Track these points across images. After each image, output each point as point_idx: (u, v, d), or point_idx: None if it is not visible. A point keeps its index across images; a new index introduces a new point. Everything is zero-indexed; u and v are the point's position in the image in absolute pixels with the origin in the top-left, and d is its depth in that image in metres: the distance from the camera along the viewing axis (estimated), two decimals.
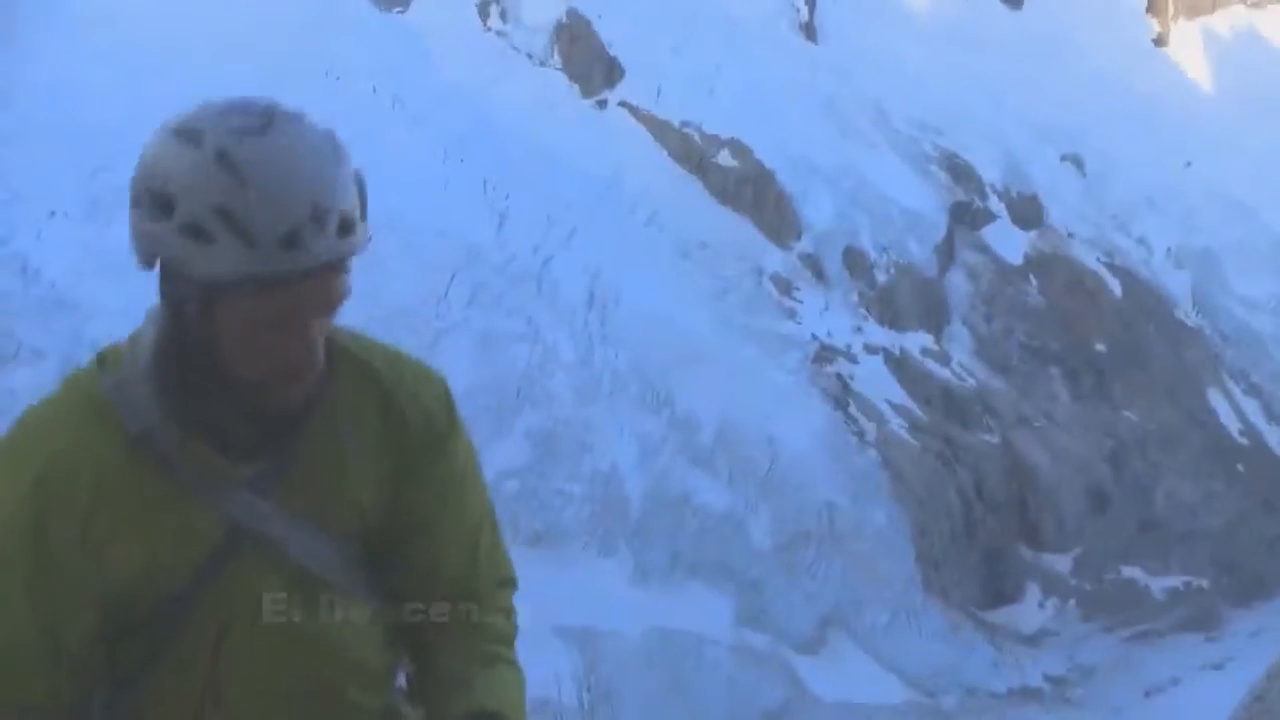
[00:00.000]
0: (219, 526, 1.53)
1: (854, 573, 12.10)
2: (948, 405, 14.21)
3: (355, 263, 1.50)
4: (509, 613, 1.78)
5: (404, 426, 1.65)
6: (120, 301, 10.62)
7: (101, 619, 1.51)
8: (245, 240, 1.38)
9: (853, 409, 13.31)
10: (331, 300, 1.48)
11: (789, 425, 12.54)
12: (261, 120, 1.41)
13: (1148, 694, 13.41)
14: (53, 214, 11.25)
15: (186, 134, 1.42)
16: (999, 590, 13.73)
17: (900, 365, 14.16)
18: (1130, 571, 15.02)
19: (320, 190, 1.39)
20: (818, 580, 11.92)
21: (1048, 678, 13.32)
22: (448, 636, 1.72)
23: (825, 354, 13.63)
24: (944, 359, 14.63)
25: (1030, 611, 13.87)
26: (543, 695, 10.18)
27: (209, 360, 1.49)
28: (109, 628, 1.53)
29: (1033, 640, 13.64)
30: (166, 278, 1.46)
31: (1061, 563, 14.48)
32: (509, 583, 1.80)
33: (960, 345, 14.92)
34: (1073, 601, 14.27)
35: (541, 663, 10.33)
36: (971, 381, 14.59)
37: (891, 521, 12.73)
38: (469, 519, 1.75)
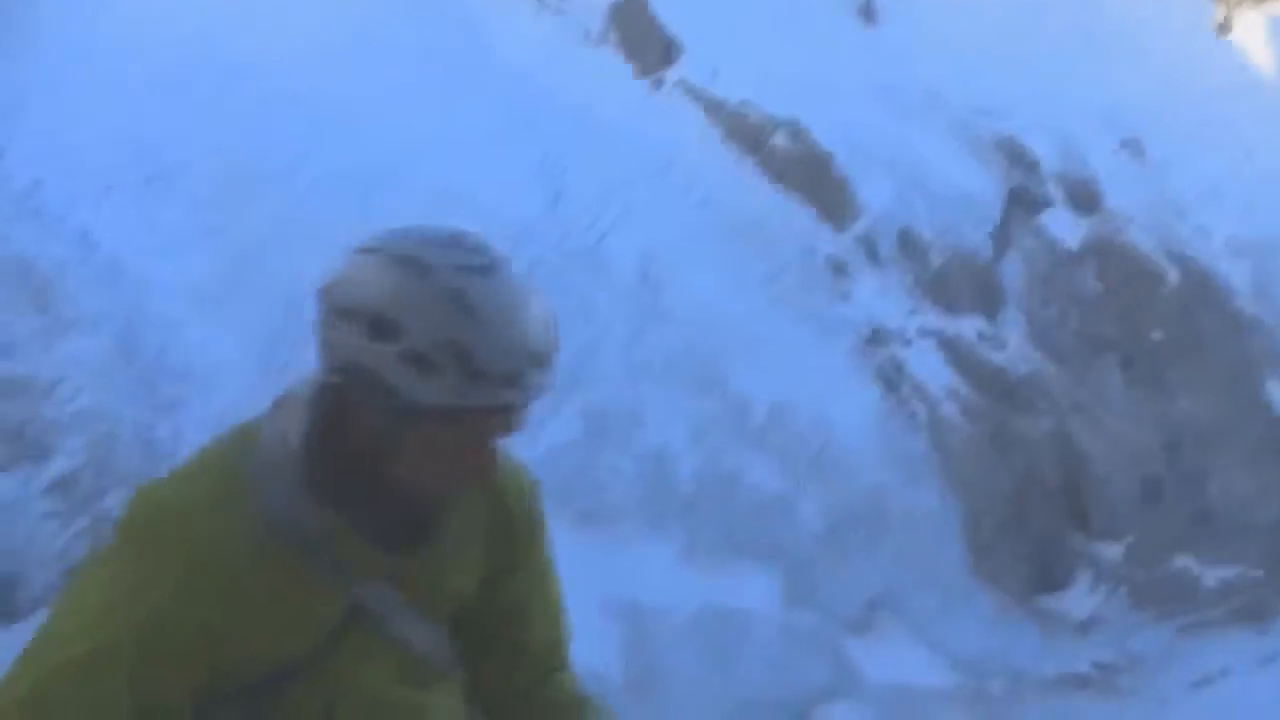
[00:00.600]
0: (340, 608, 1.58)
1: (903, 555, 12.09)
2: (1001, 390, 14.14)
3: None
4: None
5: (509, 521, 1.76)
6: (174, 276, 10.78)
7: (196, 696, 1.54)
8: (469, 375, 1.48)
9: (905, 392, 13.28)
10: (518, 424, 1.60)
11: (841, 407, 12.53)
12: (485, 260, 1.49)
13: (1196, 685, 13.33)
14: (110, 189, 11.41)
15: (412, 264, 1.48)
16: (1049, 577, 13.67)
17: (953, 349, 14.10)
18: (1182, 561, 14.91)
19: (539, 334, 1.50)
20: (867, 562, 11.92)
21: (1096, 665, 13.27)
22: (539, 705, 1.81)
23: (878, 337, 13.59)
24: (998, 344, 14.55)
25: (1080, 598, 13.81)
26: (589, 670, 10.23)
27: (377, 465, 1.54)
28: (204, 697, 1.55)
29: (1082, 627, 13.58)
30: (355, 386, 1.50)
31: (1113, 550, 14.40)
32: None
33: (1015, 330, 14.84)
34: (1123, 590, 14.19)
35: (588, 638, 10.35)
36: (1025, 367, 14.52)
37: (942, 505, 12.70)
38: (555, 597, 1.84)
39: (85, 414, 12.26)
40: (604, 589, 10.64)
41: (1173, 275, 16.44)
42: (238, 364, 11.87)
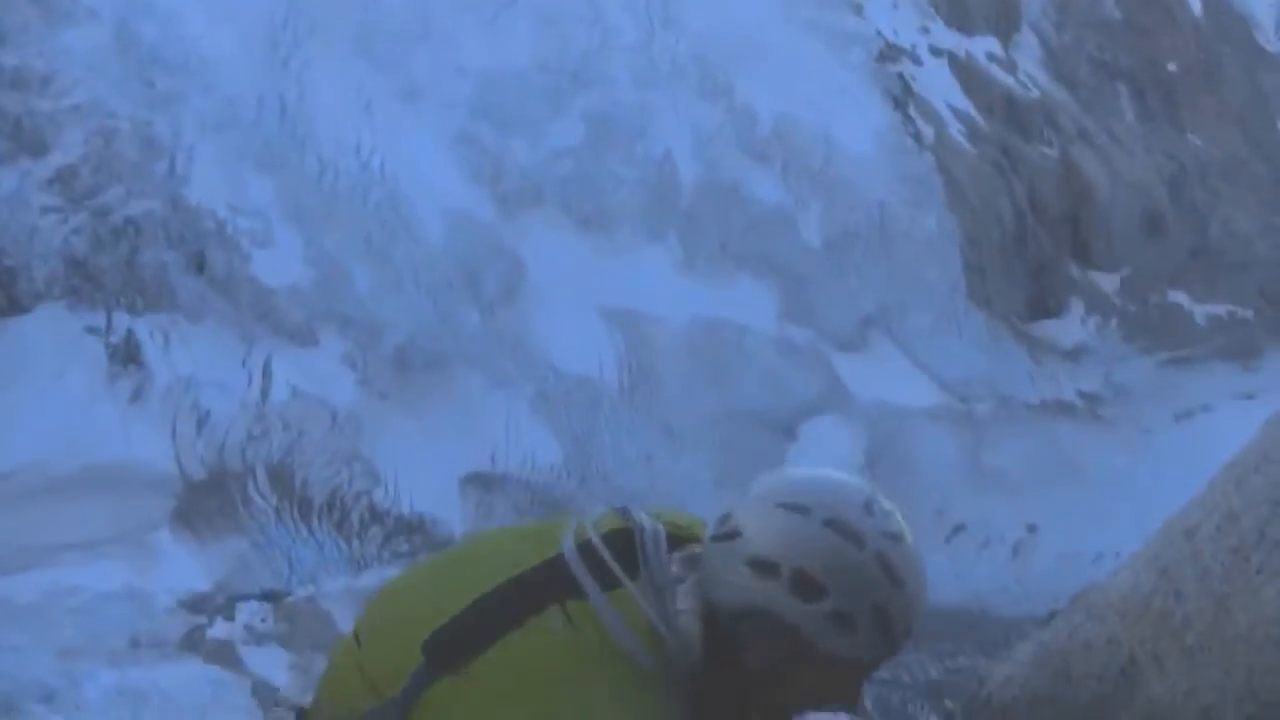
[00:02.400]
0: None
1: (900, 275, 12.12)
2: (1009, 114, 13.95)
3: None
4: None
5: None
6: None
7: None
8: (884, 634, 1.60)
9: (912, 111, 13.09)
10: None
11: (847, 123, 12.37)
12: (898, 527, 1.62)
13: (1178, 418, 13.58)
14: None
15: (846, 532, 1.58)
16: (1043, 304, 13.76)
17: (965, 70, 13.84)
18: (1176, 296, 15.00)
19: (927, 590, 1.64)
20: (863, 280, 11.96)
21: (1082, 394, 13.47)
22: None
23: (889, 52, 13.32)
24: (1010, 66, 14.28)
25: (1072, 327, 13.93)
26: (583, 374, 10.40)
27: (762, 691, 1.64)
28: None
29: (1071, 356, 13.74)
30: (754, 626, 1.59)
31: (1108, 281, 14.46)
32: None
33: (1028, 54, 14.54)
34: (1115, 321, 14.31)
35: (584, 343, 10.52)
36: (1036, 92, 14.28)
37: (942, 227, 12.68)
38: None
39: (83, 108, 12.08)
40: (602, 296, 10.71)
41: (1194, 4, 16.04)
42: (238, 57, 11.65)
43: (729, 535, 1.61)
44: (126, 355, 11.55)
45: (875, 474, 11.79)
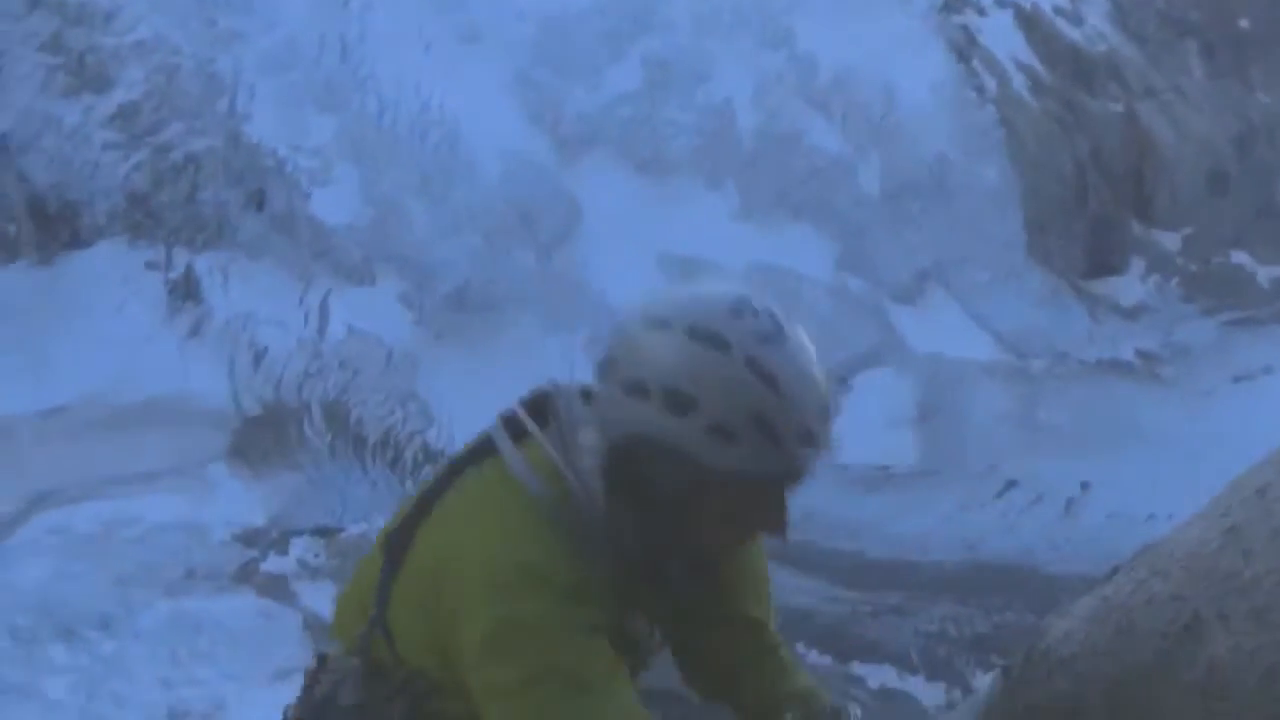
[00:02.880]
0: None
1: (959, 228, 12.02)
2: (1075, 69, 13.74)
3: None
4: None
5: None
6: None
7: None
8: (772, 441, 1.51)
9: (975, 63, 12.92)
10: (808, 475, 1.62)
11: (909, 73, 12.22)
12: (773, 326, 1.53)
13: (1237, 380, 13.42)
14: None
15: (711, 340, 1.52)
16: (1103, 261, 13.60)
17: (1030, 22, 13.63)
18: (1239, 257, 14.79)
19: (823, 388, 1.54)
20: (922, 232, 11.87)
21: (1139, 353, 13.33)
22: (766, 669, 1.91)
23: (953, 3, 13.15)
24: (1077, 20, 14.05)
25: (1132, 285, 13.78)
26: None
27: (672, 526, 1.62)
28: None
29: (1130, 314, 13.59)
30: (646, 454, 1.56)
31: (1170, 240, 14.27)
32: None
33: (1095, 7, 14.31)
34: (1176, 280, 14.13)
35: (640, 288, 10.50)
36: (1103, 46, 14.05)
37: (1003, 181, 12.54)
38: (765, 581, 1.91)
39: (144, 45, 12.16)
40: (658, 241, 10.69)
41: None
42: None
43: (605, 365, 1.59)
44: (185, 291, 11.68)
45: (929, 427, 11.78)
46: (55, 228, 11.50)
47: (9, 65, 11.19)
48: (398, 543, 1.70)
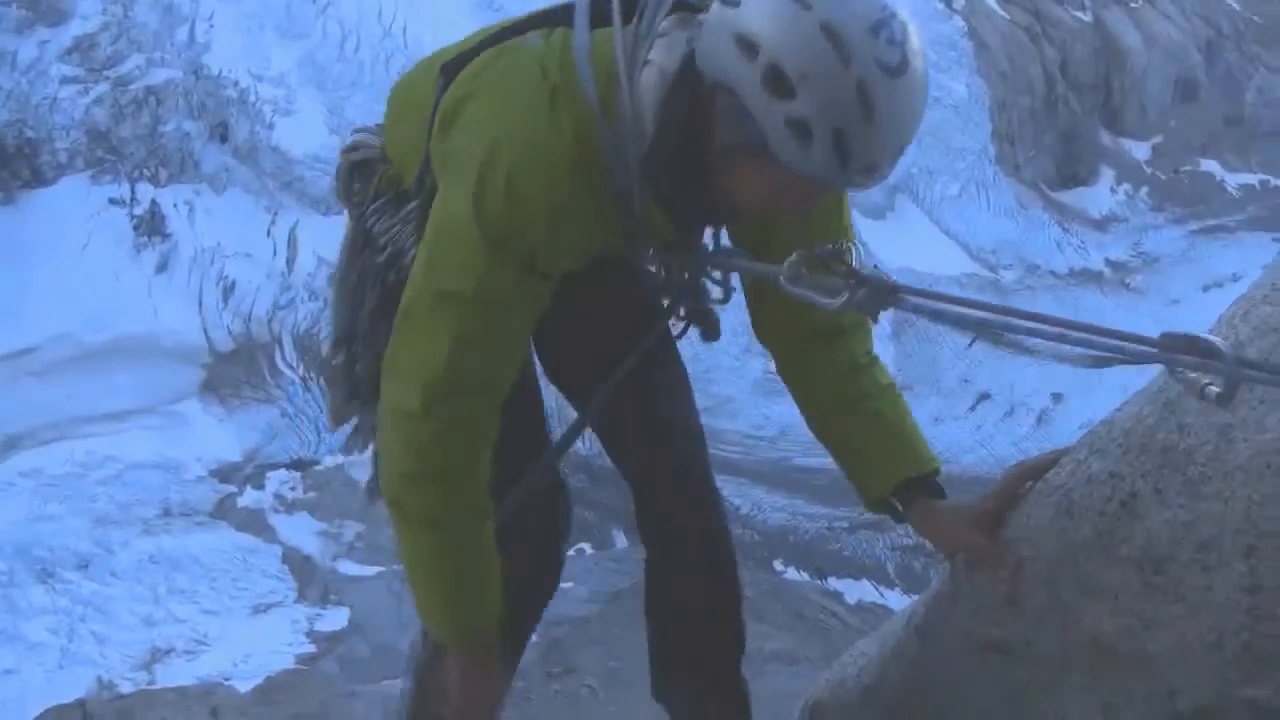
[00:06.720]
0: (613, 246, 1.70)
1: (928, 142, 11.97)
2: None
3: None
4: None
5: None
6: None
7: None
8: (840, 157, 1.47)
9: None
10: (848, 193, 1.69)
11: None
12: (899, 60, 1.45)
13: (1206, 288, 13.46)
14: None
15: (839, 44, 1.46)
16: (1072, 171, 13.60)
17: None
18: (1208, 165, 14.78)
19: (910, 135, 1.48)
20: None
21: (1110, 262, 13.36)
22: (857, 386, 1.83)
23: None
24: None
25: (1101, 195, 13.78)
26: None
27: (712, 172, 1.61)
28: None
29: (1100, 224, 13.60)
30: (720, 99, 1.53)
31: (1139, 149, 14.25)
32: None
33: None
34: (1145, 189, 14.13)
35: None
36: None
37: (971, 93, 12.49)
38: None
39: None
40: None
41: None
42: None
43: (732, 3, 1.56)
44: (151, 226, 11.57)
45: (901, 342, 11.80)
46: (15, 166, 11.36)
47: None
48: (453, 69, 1.72)
